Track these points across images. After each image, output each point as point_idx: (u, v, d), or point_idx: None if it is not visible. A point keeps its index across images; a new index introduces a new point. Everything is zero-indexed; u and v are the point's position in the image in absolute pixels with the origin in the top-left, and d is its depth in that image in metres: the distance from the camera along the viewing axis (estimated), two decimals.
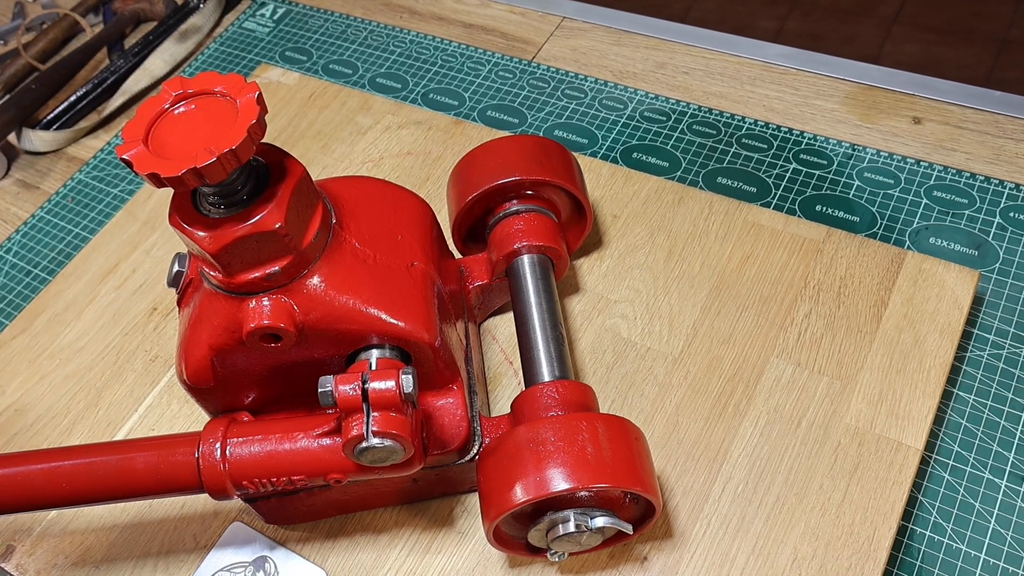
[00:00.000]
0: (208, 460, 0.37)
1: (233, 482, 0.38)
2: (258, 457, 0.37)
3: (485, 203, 0.50)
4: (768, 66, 0.67)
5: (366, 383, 0.34)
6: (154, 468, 0.38)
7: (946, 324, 0.48)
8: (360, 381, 0.34)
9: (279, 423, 0.38)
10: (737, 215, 0.55)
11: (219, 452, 0.37)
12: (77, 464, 0.38)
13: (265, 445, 0.37)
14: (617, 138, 0.64)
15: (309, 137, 0.65)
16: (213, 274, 0.35)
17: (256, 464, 0.37)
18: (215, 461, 0.37)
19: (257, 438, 0.38)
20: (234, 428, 0.38)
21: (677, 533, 0.44)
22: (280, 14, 0.80)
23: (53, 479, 0.38)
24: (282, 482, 0.38)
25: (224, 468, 0.37)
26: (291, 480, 0.38)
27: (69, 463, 0.38)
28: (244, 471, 0.37)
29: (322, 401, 0.34)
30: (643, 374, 0.49)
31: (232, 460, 0.37)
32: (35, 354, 0.56)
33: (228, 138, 0.31)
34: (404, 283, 0.38)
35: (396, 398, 0.34)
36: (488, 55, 0.72)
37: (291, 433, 0.38)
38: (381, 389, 0.34)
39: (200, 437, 0.38)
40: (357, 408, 0.34)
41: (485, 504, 0.39)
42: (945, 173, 0.58)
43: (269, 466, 0.37)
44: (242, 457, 0.37)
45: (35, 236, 0.65)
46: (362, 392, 0.34)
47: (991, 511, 0.44)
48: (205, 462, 0.37)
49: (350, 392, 0.34)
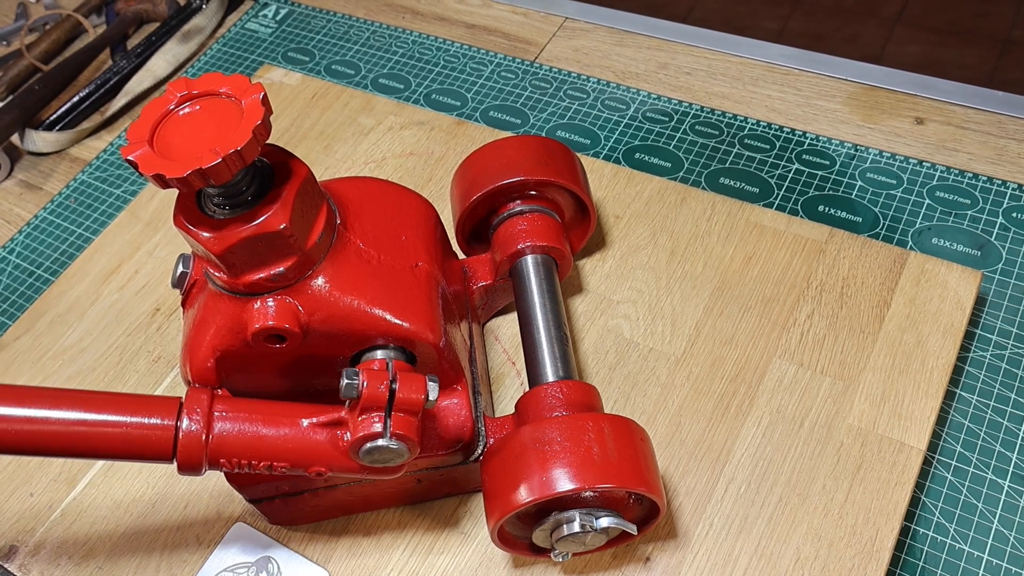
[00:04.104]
0: (189, 432, 0.34)
1: (210, 459, 0.35)
2: (245, 436, 0.35)
3: (489, 203, 0.50)
4: (770, 66, 0.67)
5: (394, 383, 0.34)
6: (121, 429, 0.34)
7: (949, 324, 0.48)
8: (389, 380, 0.34)
9: (267, 404, 0.36)
10: (739, 216, 0.55)
11: (203, 425, 0.34)
12: (41, 411, 0.33)
13: (253, 425, 0.35)
14: (619, 139, 0.64)
15: (312, 138, 0.65)
16: (218, 275, 0.35)
17: (241, 444, 0.35)
18: (196, 433, 0.34)
19: (244, 415, 0.35)
20: (220, 402, 0.36)
21: (680, 533, 0.44)
22: (283, 15, 0.80)
23: (10, 422, 0.33)
24: (261, 467, 0.35)
25: (205, 441, 0.34)
26: (272, 466, 0.36)
27: (33, 407, 0.33)
28: (226, 449, 0.35)
29: (345, 393, 0.34)
30: (646, 374, 0.49)
31: (217, 435, 0.35)
32: (38, 355, 0.56)
33: (233, 139, 0.31)
34: (408, 283, 0.38)
35: (420, 404, 0.34)
36: (490, 56, 0.72)
37: (282, 416, 0.36)
38: (410, 392, 0.34)
39: (182, 404, 0.35)
40: (379, 406, 0.34)
41: (490, 504, 0.39)
42: (948, 173, 0.58)
43: (254, 448, 0.35)
44: (227, 433, 0.35)
45: (38, 237, 0.65)
46: (389, 392, 0.34)
47: (994, 512, 0.44)
48: (186, 434, 0.34)
49: (380, 389, 0.34)
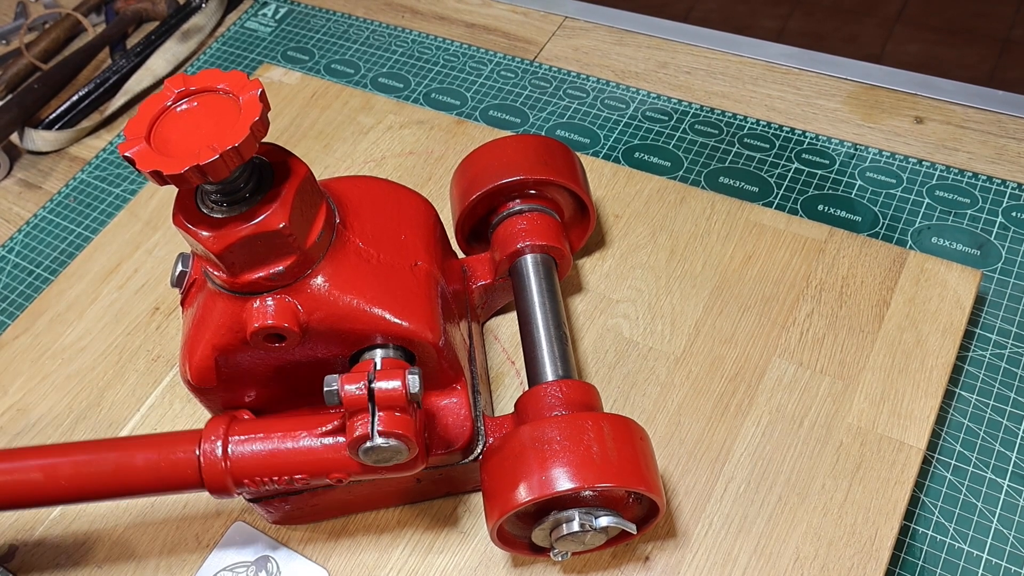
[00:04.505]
0: (209, 458, 0.37)
1: (234, 480, 0.37)
2: (260, 455, 0.37)
3: (488, 202, 0.50)
4: (770, 66, 0.67)
5: (372, 382, 0.34)
6: (154, 466, 0.37)
7: (948, 324, 0.48)
8: (366, 380, 0.34)
9: (281, 421, 0.38)
10: (739, 215, 0.55)
11: (220, 450, 0.37)
12: (76, 460, 0.38)
13: (267, 444, 0.37)
14: (619, 138, 0.64)
15: (311, 137, 0.65)
16: (217, 274, 0.35)
17: (258, 463, 0.37)
18: (216, 459, 0.37)
19: (259, 436, 0.37)
20: (236, 426, 0.38)
21: (679, 533, 0.44)
22: (282, 14, 0.80)
23: (52, 476, 0.37)
24: (283, 481, 0.37)
25: (225, 466, 0.37)
26: (292, 479, 0.37)
27: (68, 459, 0.38)
28: (245, 469, 0.37)
29: (328, 400, 0.34)
30: (645, 374, 0.49)
31: (234, 458, 0.37)
32: (37, 354, 0.56)
33: (231, 135, 0.31)
34: (408, 283, 0.38)
35: (402, 398, 0.34)
36: (490, 55, 0.72)
37: (293, 432, 0.37)
38: (387, 389, 0.34)
39: (201, 435, 0.37)
40: (363, 407, 0.34)
41: (489, 503, 0.39)
42: (947, 173, 0.58)
43: (271, 465, 0.37)
44: (244, 455, 0.37)
45: (37, 236, 0.65)
46: (368, 391, 0.34)
47: (993, 511, 0.44)
48: (206, 460, 0.37)
49: (356, 391, 0.34)
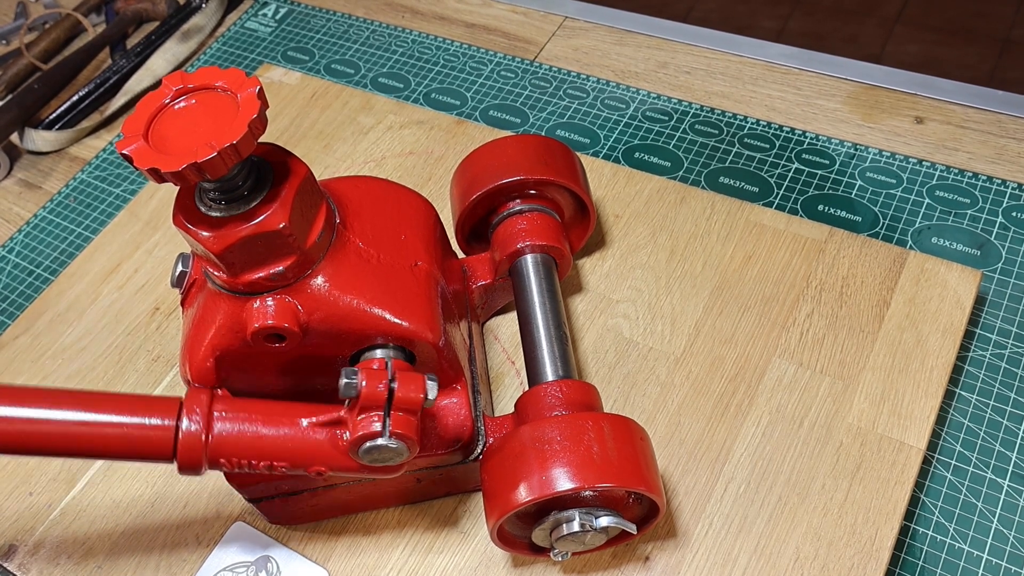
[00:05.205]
0: (189, 431, 0.34)
1: (210, 458, 0.35)
2: (245, 436, 0.35)
3: (488, 202, 0.50)
4: (770, 66, 0.67)
5: (393, 382, 0.34)
6: (120, 429, 0.34)
7: (948, 324, 0.48)
8: (388, 379, 0.34)
9: (266, 404, 0.36)
10: (739, 215, 0.55)
11: (203, 424, 0.34)
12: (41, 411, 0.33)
13: (255, 425, 0.35)
14: (619, 138, 0.64)
15: (311, 137, 0.65)
16: (217, 274, 0.35)
17: (241, 443, 0.35)
18: (197, 432, 0.34)
19: (244, 415, 0.35)
20: (219, 402, 0.36)
21: (679, 533, 0.44)
22: (282, 14, 0.80)
23: (10, 423, 0.33)
24: (260, 467, 0.35)
25: (205, 441, 0.34)
26: (272, 465, 0.36)
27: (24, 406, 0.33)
28: (226, 448, 0.35)
29: (344, 392, 0.34)
30: (645, 374, 0.49)
31: (217, 435, 0.35)
32: (37, 354, 0.56)
33: (229, 132, 0.30)
34: (408, 283, 0.38)
35: (419, 402, 0.34)
36: (490, 55, 0.72)
37: (281, 415, 0.36)
38: (408, 391, 0.34)
39: (181, 404, 0.35)
40: (378, 405, 0.34)
41: (489, 503, 0.39)
42: (947, 173, 0.58)
43: (254, 447, 0.35)
44: (228, 433, 0.35)
45: (37, 236, 0.65)
46: (388, 391, 0.34)
47: (993, 511, 0.44)
48: (186, 434, 0.34)
49: (379, 388, 0.34)
